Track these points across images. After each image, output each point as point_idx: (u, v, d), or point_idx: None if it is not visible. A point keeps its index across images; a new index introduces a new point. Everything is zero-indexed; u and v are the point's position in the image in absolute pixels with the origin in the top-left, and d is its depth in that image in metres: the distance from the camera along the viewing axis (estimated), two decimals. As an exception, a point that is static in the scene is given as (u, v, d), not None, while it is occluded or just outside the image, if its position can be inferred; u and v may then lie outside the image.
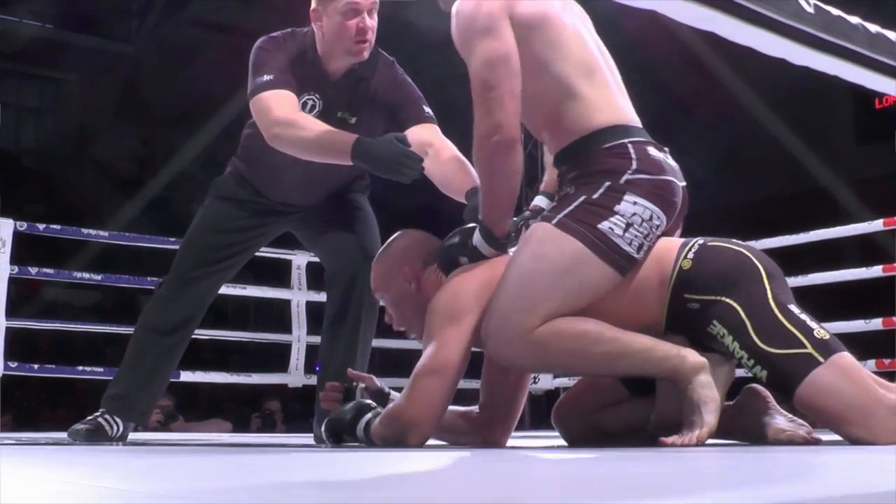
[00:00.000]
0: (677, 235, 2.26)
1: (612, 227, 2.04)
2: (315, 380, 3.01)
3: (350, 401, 2.24)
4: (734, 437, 2.15)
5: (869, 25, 1.22)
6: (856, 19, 1.21)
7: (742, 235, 2.85)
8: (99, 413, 2.82)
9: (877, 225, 4.56)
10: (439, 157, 2.60)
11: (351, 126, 2.72)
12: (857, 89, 1.48)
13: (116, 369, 3.00)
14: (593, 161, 2.10)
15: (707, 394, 2.00)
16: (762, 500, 0.93)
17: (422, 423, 2.08)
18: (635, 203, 2.06)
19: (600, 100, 2.13)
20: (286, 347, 5.06)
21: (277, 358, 5.59)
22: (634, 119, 2.18)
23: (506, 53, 2.07)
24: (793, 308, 2.04)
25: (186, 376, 4.57)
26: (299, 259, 4.97)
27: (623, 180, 2.07)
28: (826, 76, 1.29)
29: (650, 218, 2.07)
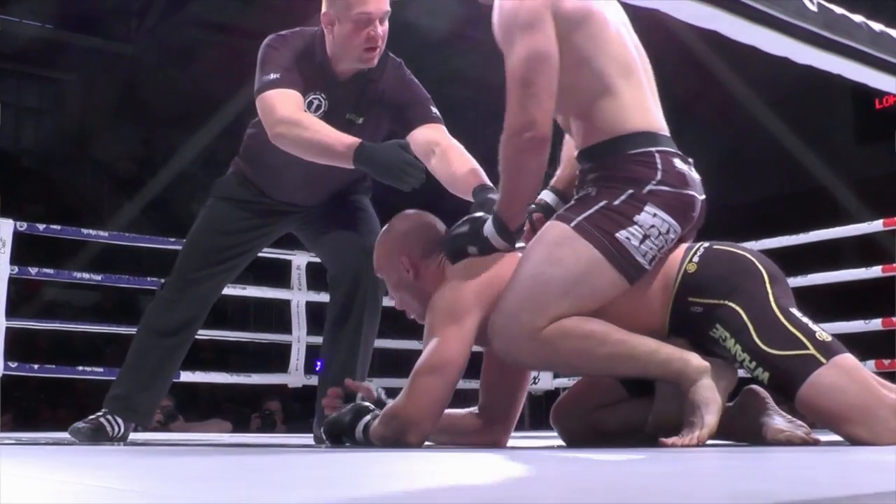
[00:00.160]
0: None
1: (629, 238, 2.05)
2: (315, 380, 3.01)
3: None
4: (733, 438, 2.15)
5: (872, 24, 1.22)
6: (859, 17, 1.21)
7: (742, 235, 2.85)
8: (101, 413, 2.81)
9: (877, 225, 4.56)
10: (446, 157, 2.60)
11: (358, 126, 2.73)
12: (858, 89, 1.47)
13: (116, 369, 2.99)
14: (618, 166, 2.10)
15: (709, 396, 2.01)
16: (762, 500, 0.93)
17: (421, 422, 2.08)
18: (655, 215, 2.06)
19: (634, 101, 2.14)
20: (286, 347, 5.06)
21: (277, 358, 5.59)
22: (664, 127, 2.18)
23: (546, 51, 2.06)
24: (794, 311, 2.05)
25: (186, 376, 4.57)
26: (299, 259, 4.97)
27: (646, 190, 2.07)
28: (826, 76, 1.29)
29: (667, 231, 2.08)
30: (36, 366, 4.63)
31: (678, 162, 2.12)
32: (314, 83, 2.71)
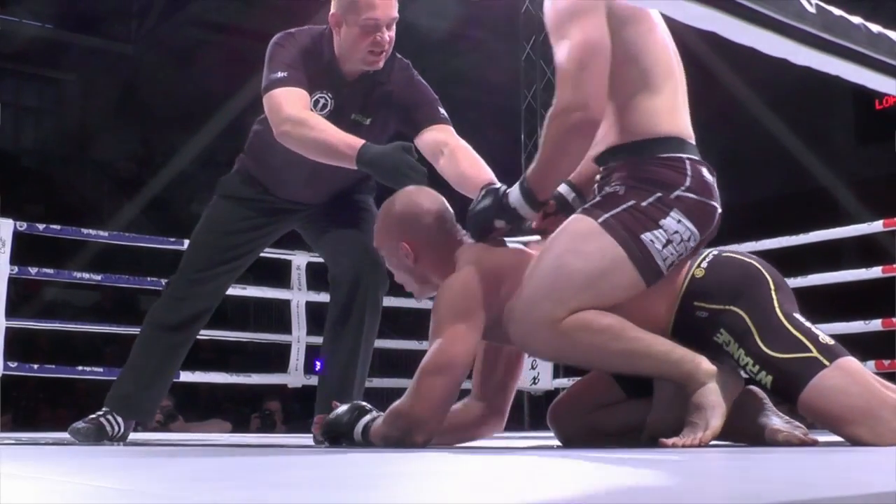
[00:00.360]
0: None
1: (654, 241, 2.07)
2: (315, 380, 3.01)
3: None
4: (731, 439, 2.15)
5: (871, 25, 1.22)
6: (857, 19, 1.21)
7: (742, 236, 2.85)
8: (101, 413, 2.82)
9: (876, 226, 4.56)
10: (455, 157, 2.61)
11: (365, 127, 2.74)
12: (858, 90, 1.47)
13: (116, 369, 3.00)
14: (649, 168, 2.11)
15: (714, 400, 2.01)
16: (762, 500, 0.93)
17: (428, 421, 2.08)
18: (679, 221, 2.08)
19: (670, 105, 2.16)
20: (286, 348, 5.06)
21: (277, 358, 5.60)
22: (692, 134, 2.20)
23: (602, 39, 2.08)
24: (798, 316, 2.06)
25: (186, 376, 4.57)
26: (299, 259, 4.97)
27: (674, 195, 2.09)
28: (826, 76, 1.29)
29: (688, 238, 2.10)
30: (36, 366, 4.63)
31: (706, 172, 2.15)
32: (321, 82, 2.72)
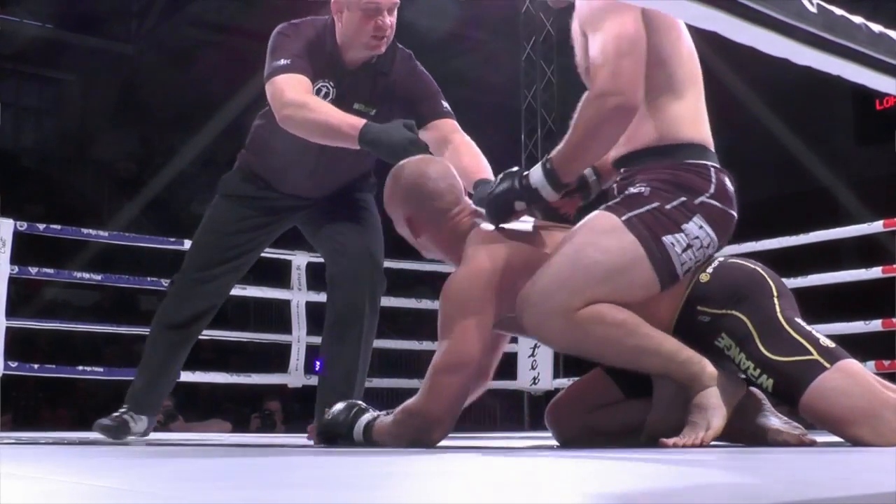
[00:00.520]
0: None
1: (674, 244, 2.08)
2: (315, 380, 3.01)
3: None
4: (729, 439, 2.16)
5: (872, 25, 1.22)
6: (859, 19, 1.21)
7: (742, 235, 2.85)
8: (123, 409, 2.90)
9: (877, 226, 4.56)
10: (458, 151, 2.65)
11: (370, 117, 2.75)
12: (858, 90, 1.47)
13: (116, 369, 3.05)
14: (674, 172, 2.13)
15: (716, 402, 2.02)
16: (762, 501, 0.93)
17: (444, 420, 2.09)
18: (701, 227, 2.10)
19: (693, 112, 2.18)
20: (286, 347, 5.06)
21: (277, 358, 5.59)
22: (712, 142, 2.22)
23: (640, 33, 2.10)
24: (799, 320, 2.07)
25: (186, 376, 4.55)
26: (299, 259, 4.97)
27: (698, 201, 2.11)
28: (826, 76, 1.29)
29: (708, 245, 2.12)
30: (36, 365, 4.63)
31: (728, 181, 2.18)
32: (323, 71, 2.75)
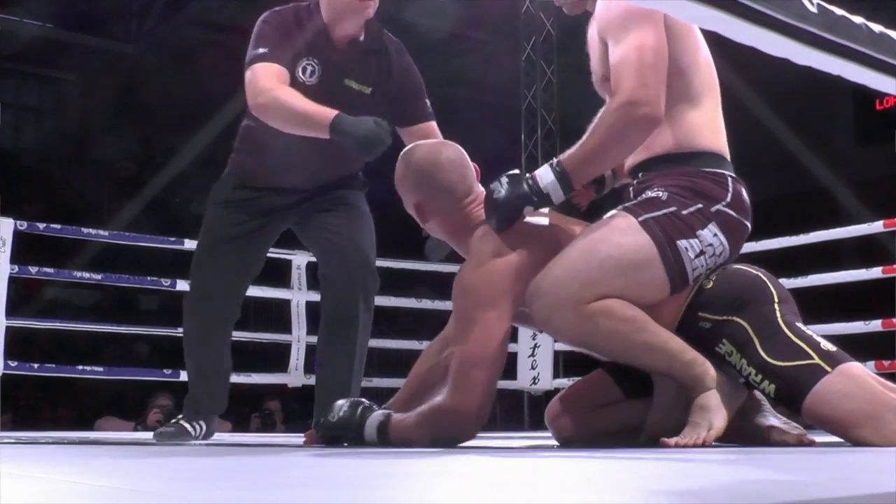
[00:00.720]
0: None
1: (688, 249, 2.10)
2: (315, 380, 3.01)
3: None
4: (728, 439, 2.16)
5: (872, 25, 1.22)
6: (859, 19, 1.21)
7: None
8: (182, 415, 2.97)
9: (877, 226, 4.56)
10: None
11: (367, 96, 2.81)
12: (858, 90, 1.47)
13: (116, 368, 3.06)
14: (692, 179, 2.14)
15: (717, 404, 2.02)
16: (762, 500, 0.93)
17: (478, 416, 2.09)
18: (715, 235, 2.12)
19: (710, 120, 2.21)
20: (286, 347, 5.06)
21: (277, 358, 5.59)
22: (728, 152, 2.24)
23: (665, 45, 2.12)
24: (800, 325, 2.08)
25: (186, 376, 4.56)
26: (299, 259, 4.97)
27: (714, 209, 2.13)
28: (826, 77, 1.29)
29: (720, 254, 2.14)
30: (36, 365, 4.63)
31: (744, 191, 2.20)
32: (307, 50, 2.78)
